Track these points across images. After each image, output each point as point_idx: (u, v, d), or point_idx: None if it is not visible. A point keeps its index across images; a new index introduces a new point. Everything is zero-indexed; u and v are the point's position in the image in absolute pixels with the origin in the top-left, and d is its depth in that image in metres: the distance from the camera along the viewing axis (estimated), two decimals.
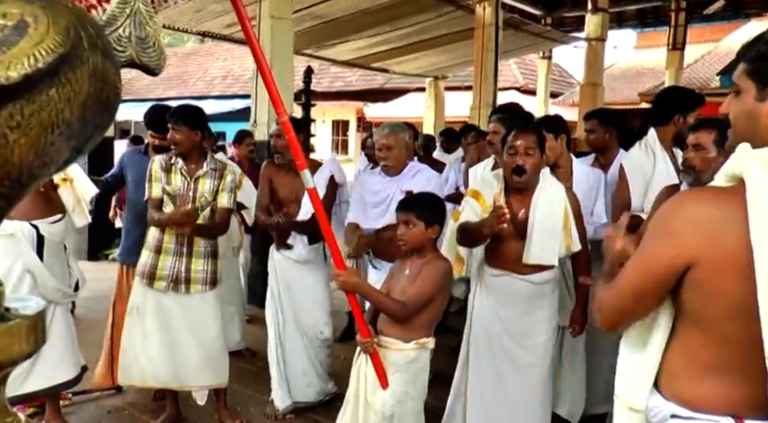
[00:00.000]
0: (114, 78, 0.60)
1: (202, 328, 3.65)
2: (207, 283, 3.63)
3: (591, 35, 11.14)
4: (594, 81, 11.19)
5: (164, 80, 24.66)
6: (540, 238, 2.98)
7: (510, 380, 3.10)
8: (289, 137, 2.72)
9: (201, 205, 3.52)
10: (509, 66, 17.74)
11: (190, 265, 3.58)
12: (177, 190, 3.60)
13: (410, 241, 2.77)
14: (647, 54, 19.80)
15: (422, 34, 10.21)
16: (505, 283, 3.10)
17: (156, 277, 3.60)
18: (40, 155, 0.54)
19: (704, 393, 1.36)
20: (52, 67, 0.49)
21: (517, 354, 3.10)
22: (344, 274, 2.71)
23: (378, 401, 2.68)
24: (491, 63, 9.49)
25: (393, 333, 2.72)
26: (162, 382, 3.68)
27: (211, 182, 3.61)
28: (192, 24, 8.90)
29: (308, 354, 4.02)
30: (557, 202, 3.05)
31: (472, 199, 3.16)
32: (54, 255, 3.46)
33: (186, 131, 3.55)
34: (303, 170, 2.68)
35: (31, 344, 0.60)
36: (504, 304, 3.11)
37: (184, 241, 3.58)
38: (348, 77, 19.81)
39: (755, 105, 1.28)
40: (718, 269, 1.26)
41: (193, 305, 3.63)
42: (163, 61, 0.69)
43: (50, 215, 3.42)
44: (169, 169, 3.64)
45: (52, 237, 3.42)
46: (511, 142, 3.01)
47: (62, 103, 0.53)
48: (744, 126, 1.32)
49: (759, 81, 1.27)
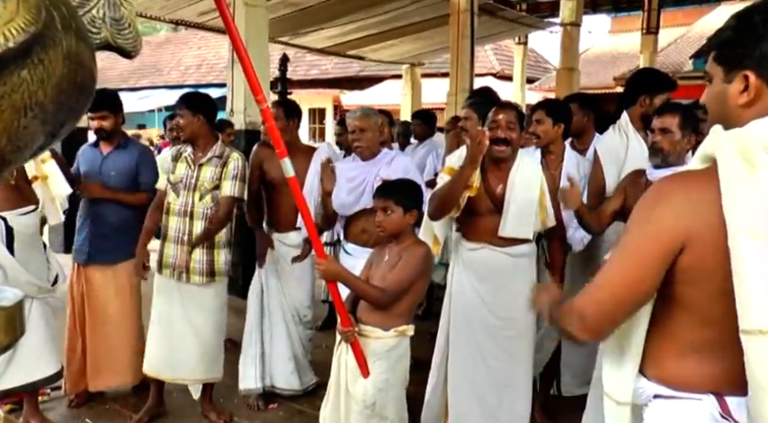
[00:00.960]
0: (89, 61, 0.58)
1: (202, 320, 3.63)
2: (204, 273, 3.58)
3: (566, 20, 11.16)
4: (570, 66, 11.23)
5: (137, 69, 24.30)
6: (516, 212, 3.05)
7: (492, 353, 3.13)
8: (268, 125, 2.69)
9: (201, 193, 3.53)
10: (485, 52, 17.74)
11: (189, 254, 3.56)
12: (180, 178, 3.59)
13: (389, 228, 2.76)
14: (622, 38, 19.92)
15: (397, 21, 10.16)
16: (483, 256, 3.14)
17: (163, 264, 3.61)
18: (13, 139, 0.52)
19: (686, 373, 1.38)
20: (23, 46, 0.47)
21: (497, 326, 3.13)
22: (325, 262, 2.70)
23: (359, 390, 2.68)
24: (467, 49, 9.47)
25: (373, 321, 2.72)
26: (155, 370, 3.65)
27: (213, 169, 3.57)
28: (165, 12, 8.76)
29: (292, 339, 4.03)
30: (533, 179, 3.11)
31: (447, 175, 3.17)
32: (28, 248, 3.38)
33: (188, 115, 3.55)
34: (283, 158, 2.66)
35: (9, 335, 0.58)
36: (482, 278, 3.15)
37: (185, 229, 3.56)
38: (324, 65, 19.69)
39: (723, 87, 1.34)
40: (705, 251, 1.27)
41: (193, 296, 3.61)
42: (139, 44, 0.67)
43: (21, 207, 3.34)
44: (177, 158, 3.66)
45: (24, 229, 3.34)
46: (492, 117, 3.07)
47: (35, 84, 0.51)
48: (715, 109, 1.37)
49: (725, 64, 1.33)
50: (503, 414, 3.14)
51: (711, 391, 1.36)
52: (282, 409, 3.93)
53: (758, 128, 1.26)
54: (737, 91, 1.31)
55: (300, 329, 4.06)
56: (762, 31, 1.26)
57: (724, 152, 1.26)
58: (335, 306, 2.78)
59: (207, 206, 3.55)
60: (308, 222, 2.73)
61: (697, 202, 1.28)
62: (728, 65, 1.33)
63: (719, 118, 1.35)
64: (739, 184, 1.22)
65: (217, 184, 3.56)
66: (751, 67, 1.28)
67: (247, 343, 4.02)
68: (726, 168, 1.24)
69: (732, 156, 1.24)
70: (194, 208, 3.55)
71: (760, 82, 1.28)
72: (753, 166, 1.22)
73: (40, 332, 3.41)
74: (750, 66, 1.28)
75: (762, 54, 1.27)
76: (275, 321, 4.01)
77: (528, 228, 3.09)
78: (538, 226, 3.16)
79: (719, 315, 1.28)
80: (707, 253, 1.27)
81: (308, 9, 9.06)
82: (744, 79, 1.30)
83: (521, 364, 3.16)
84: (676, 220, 1.30)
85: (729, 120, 1.32)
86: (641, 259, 1.34)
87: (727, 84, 1.33)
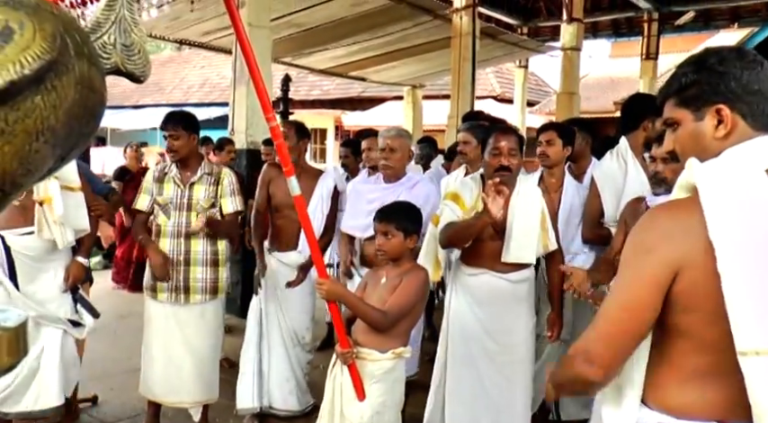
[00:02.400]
0: (100, 86, 0.59)
1: (200, 340, 3.60)
2: (207, 291, 3.57)
3: (566, 45, 11.27)
4: (570, 90, 11.31)
5: (140, 87, 24.36)
6: (519, 236, 3.04)
7: (491, 379, 3.11)
8: (277, 143, 2.71)
9: (197, 213, 3.49)
10: (486, 75, 17.84)
11: (188, 273, 3.53)
12: (169, 199, 3.55)
13: (390, 252, 2.76)
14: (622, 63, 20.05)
15: (399, 43, 10.26)
16: (483, 282, 3.13)
17: (158, 289, 3.56)
18: (24, 162, 0.53)
19: (688, 400, 1.37)
20: (38, 74, 0.48)
21: (497, 352, 3.11)
22: (328, 282, 2.69)
23: (355, 413, 2.66)
24: (468, 72, 9.55)
25: (369, 343, 2.70)
26: (157, 396, 3.62)
27: (206, 188, 3.56)
28: (169, 32, 8.85)
29: (291, 360, 4.00)
30: (534, 203, 3.12)
31: (451, 202, 3.17)
32: (33, 271, 3.26)
33: (185, 137, 3.53)
34: (290, 177, 2.67)
35: (11, 357, 0.59)
36: (482, 303, 3.13)
37: (181, 249, 3.52)
38: (326, 86, 19.79)
39: (696, 126, 1.39)
40: (698, 276, 1.28)
41: (193, 316, 3.58)
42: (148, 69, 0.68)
43: (20, 226, 3.23)
44: (162, 179, 3.60)
45: (23, 250, 3.23)
46: (494, 144, 3.06)
47: (47, 110, 0.52)
48: (690, 148, 1.41)
49: (692, 105, 1.39)
50: None
51: (715, 418, 1.34)
52: None
53: (736, 154, 1.32)
54: (712, 126, 1.37)
55: (299, 351, 4.04)
56: (721, 70, 1.35)
57: (704, 180, 1.30)
58: (335, 327, 2.77)
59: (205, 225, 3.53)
60: (311, 242, 2.73)
61: (687, 229, 1.30)
62: (696, 104, 1.38)
63: (695, 155, 1.38)
64: (722, 207, 1.26)
65: (213, 202, 3.56)
66: (721, 101, 1.35)
67: (244, 362, 3.99)
68: (708, 195, 1.27)
69: (713, 182, 1.29)
70: (191, 228, 3.53)
71: (732, 114, 1.35)
72: (733, 191, 1.27)
73: (50, 361, 3.30)
74: (720, 100, 1.35)
75: (728, 89, 1.34)
76: (274, 342, 3.99)
77: (530, 252, 3.09)
78: (540, 250, 3.15)
79: (718, 340, 1.28)
80: (699, 278, 1.28)
81: (311, 30, 9.15)
82: (716, 113, 1.36)
83: (519, 389, 3.14)
84: (669, 246, 1.31)
85: (706, 154, 1.36)
86: (640, 288, 1.34)
87: (700, 121, 1.38)
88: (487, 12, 11.87)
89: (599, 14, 13.25)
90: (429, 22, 9.58)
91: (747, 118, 1.35)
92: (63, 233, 3.23)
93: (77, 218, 3.31)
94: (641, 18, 13.37)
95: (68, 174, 3.27)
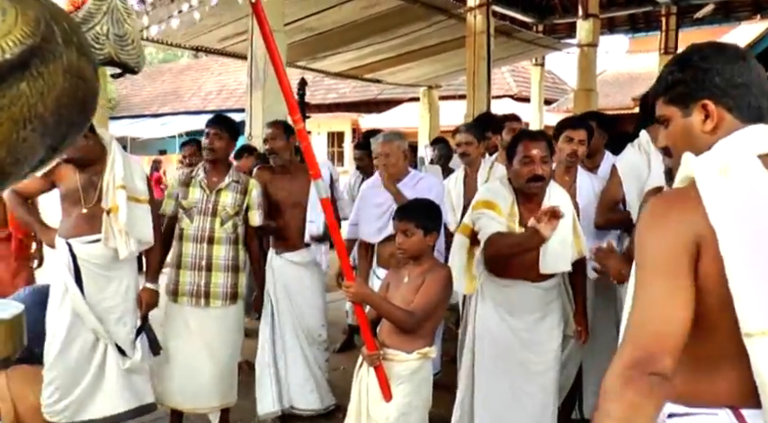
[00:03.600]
0: (91, 76, 0.58)
1: (220, 344, 3.61)
2: (227, 297, 3.58)
3: (583, 41, 11.19)
4: (588, 87, 11.23)
5: (159, 96, 24.73)
6: (555, 246, 2.92)
7: (524, 389, 3.04)
8: (304, 145, 2.73)
9: (222, 219, 3.54)
10: (502, 73, 17.79)
11: (210, 278, 3.55)
12: (194, 203, 3.58)
13: (409, 250, 2.75)
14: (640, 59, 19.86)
15: (414, 44, 10.25)
16: (518, 292, 3.04)
17: (179, 293, 3.58)
18: (12, 151, 0.52)
19: (700, 388, 1.35)
20: (21, 59, 0.48)
21: (532, 361, 3.05)
22: (354, 284, 2.68)
23: (381, 414, 2.65)
24: (484, 71, 9.51)
25: (395, 344, 2.69)
26: (174, 403, 3.63)
27: (234, 195, 3.60)
28: (186, 39, 8.92)
29: (308, 360, 4.01)
30: (565, 210, 2.93)
31: (487, 210, 3.03)
32: (100, 280, 3.30)
33: (227, 140, 3.61)
34: (317, 180, 2.68)
35: (9, 347, 0.58)
36: (516, 314, 3.05)
37: (203, 254, 3.55)
38: (342, 89, 19.86)
39: (684, 122, 1.45)
40: (707, 260, 1.27)
41: (214, 321, 3.59)
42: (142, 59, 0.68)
43: (87, 234, 3.27)
44: (188, 182, 3.64)
45: (88, 258, 3.26)
46: (524, 151, 2.93)
47: (34, 97, 0.51)
48: (682, 143, 1.46)
49: (679, 102, 1.45)
50: None
51: (727, 405, 1.33)
52: None
53: (728, 144, 1.36)
54: (700, 120, 1.42)
55: (315, 350, 4.04)
56: (704, 66, 1.41)
57: (700, 169, 1.33)
58: (362, 329, 2.74)
59: (228, 232, 3.58)
60: (338, 245, 2.74)
61: (694, 213, 1.29)
62: (683, 101, 1.44)
63: (687, 149, 1.42)
64: (720, 193, 1.28)
65: (238, 210, 3.60)
66: (706, 96, 1.40)
67: (261, 367, 3.99)
68: (705, 182, 1.30)
69: (709, 170, 1.32)
70: (214, 233, 3.55)
71: (718, 108, 1.39)
72: (727, 177, 1.30)
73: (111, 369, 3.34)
74: (705, 96, 1.40)
75: (712, 84, 1.40)
76: (288, 343, 3.99)
77: (567, 261, 3.01)
78: (575, 256, 3.07)
79: (728, 325, 1.26)
80: (709, 262, 1.27)
81: (325, 33, 9.18)
82: (702, 108, 1.41)
83: (550, 397, 3.08)
84: (687, 224, 1.30)
85: (697, 148, 1.39)
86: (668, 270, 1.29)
87: (688, 117, 1.43)
88: (502, 10, 11.81)
89: (615, 10, 13.09)
90: (443, 22, 9.55)
91: (734, 111, 1.39)
92: (127, 243, 3.26)
93: (142, 229, 3.34)
94: (659, 12, 13.20)
95: (136, 184, 3.33)
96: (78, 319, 3.25)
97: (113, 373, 3.32)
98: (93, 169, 3.27)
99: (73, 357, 3.26)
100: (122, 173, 3.25)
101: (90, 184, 3.27)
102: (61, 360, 3.24)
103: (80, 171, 3.29)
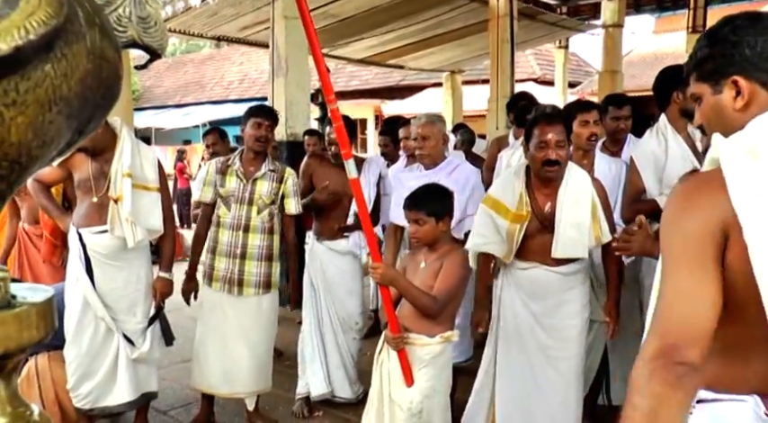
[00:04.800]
0: (114, 58, 0.58)
1: (256, 331, 3.66)
2: (260, 286, 3.62)
3: (608, 22, 10.99)
4: (613, 68, 11.04)
5: (181, 86, 24.90)
6: (568, 231, 2.89)
7: (544, 373, 3.02)
8: (337, 125, 2.73)
9: (258, 208, 3.57)
10: (526, 57, 17.58)
11: (243, 266, 3.59)
12: (231, 192, 3.61)
13: (424, 238, 2.75)
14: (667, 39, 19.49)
15: (436, 29, 10.17)
16: (535, 276, 3.02)
17: (213, 278, 3.63)
18: (39, 134, 0.52)
19: (728, 374, 1.33)
20: (45, 39, 0.48)
21: (551, 346, 3.02)
22: (382, 266, 2.68)
23: (404, 398, 2.66)
24: (507, 55, 9.39)
25: (417, 328, 2.70)
26: (213, 388, 3.68)
27: (270, 184, 3.63)
28: (207, 29, 8.95)
29: (342, 347, 4.05)
30: (583, 194, 2.95)
31: (493, 211, 3.00)
32: (110, 270, 3.33)
33: (272, 131, 3.68)
34: (348, 159, 2.69)
35: (40, 331, 0.59)
36: (535, 297, 3.03)
37: (239, 243, 3.59)
38: (364, 76, 19.80)
39: (716, 99, 1.39)
40: (735, 244, 1.23)
41: (248, 308, 3.64)
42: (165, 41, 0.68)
43: (97, 224, 3.30)
44: (225, 171, 3.67)
45: (97, 248, 3.30)
46: (540, 136, 2.88)
47: (59, 78, 0.52)
48: (714, 121, 1.41)
49: (709, 79, 1.40)
50: None
51: (755, 391, 1.31)
52: (327, 418, 3.93)
53: (758, 124, 1.28)
54: (731, 97, 1.36)
55: (350, 338, 4.08)
56: (734, 39, 1.34)
57: (726, 152, 1.27)
58: (386, 311, 2.75)
59: (264, 220, 3.61)
60: (366, 225, 2.73)
61: (720, 199, 1.25)
62: (713, 78, 1.38)
63: (720, 128, 1.36)
64: (745, 177, 1.22)
65: (273, 199, 3.63)
66: (736, 72, 1.34)
67: (310, 352, 4.03)
68: (729, 166, 1.24)
69: (734, 152, 1.26)
70: (251, 221, 3.59)
71: (750, 83, 1.33)
72: (756, 159, 1.23)
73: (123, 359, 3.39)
74: (735, 72, 1.34)
75: (742, 58, 1.33)
76: (326, 329, 4.04)
77: (581, 247, 2.93)
78: (592, 242, 2.98)
79: (756, 312, 1.22)
80: (737, 246, 1.23)
81: (347, 20, 9.14)
82: (733, 85, 1.35)
83: (572, 385, 3.03)
84: (714, 210, 1.25)
85: (730, 127, 1.34)
86: (694, 259, 1.26)
87: (719, 94, 1.38)
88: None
89: None
90: (465, 6, 9.45)
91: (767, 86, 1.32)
92: (133, 232, 3.26)
93: (149, 218, 3.35)
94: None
95: (146, 173, 3.35)
96: (89, 307, 3.30)
97: (123, 362, 3.37)
98: (104, 158, 3.29)
99: (85, 342, 3.31)
100: (129, 161, 3.26)
101: (101, 172, 3.29)
102: (75, 344, 3.31)
103: (92, 160, 3.31)
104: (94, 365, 3.33)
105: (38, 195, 3.51)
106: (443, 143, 3.68)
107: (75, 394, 3.32)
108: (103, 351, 3.34)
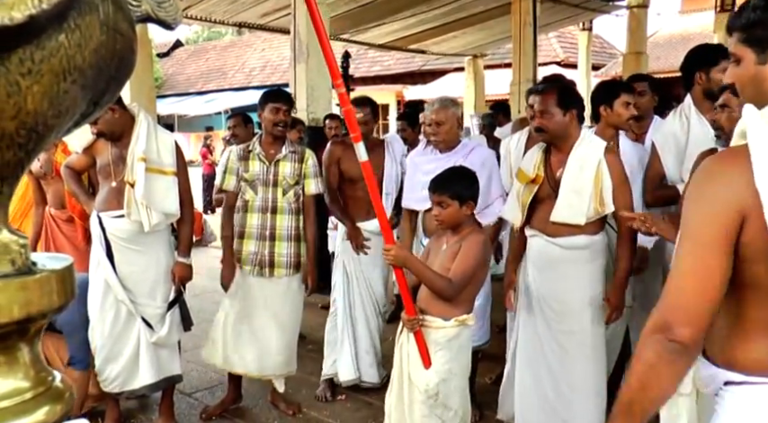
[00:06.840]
0: (128, 31, 0.59)
1: (285, 313, 3.71)
2: (291, 266, 3.68)
3: (632, 2, 10.84)
4: (638, 50, 10.90)
5: (204, 74, 25.05)
6: (567, 196, 2.92)
7: (549, 345, 3.04)
8: (345, 109, 2.74)
9: (284, 189, 3.63)
10: (548, 39, 17.40)
11: (273, 248, 3.64)
12: (256, 175, 3.66)
13: (447, 221, 2.74)
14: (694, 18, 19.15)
15: (458, 12, 10.08)
16: (536, 245, 3.08)
17: (243, 261, 3.68)
18: (54, 103, 0.54)
19: (757, 356, 1.31)
20: (59, 8, 0.49)
21: (552, 319, 3.03)
22: (394, 247, 2.68)
23: (422, 380, 2.67)
24: (530, 38, 9.32)
25: (433, 311, 2.70)
26: (242, 369, 3.73)
27: (292, 165, 3.68)
28: (228, 15, 8.97)
29: (371, 331, 4.08)
30: (588, 161, 2.93)
31: (516, 181, 3.18)
32: (129, 253, 3.36)
33: (290, 115, 3.74)
34: (358, 143, 2.69)
35: (60, 297, 0.61)
36: (537, 267, 3.08)
37: (267, 225, 3.63)
38: (386, 61, 19.76)
39: (758, 69, 1.34)
40: (758, 223, 1.21)
41: (278, 289, 3.69)
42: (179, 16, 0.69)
43: (115, 209, 3.33)
44: (246, 157, 3.71)
45: (116, 232, 3.33)
46: (529, 102, 3.04)
47: (72, 49, 0.53)
48: (750, 91, 1.37)
49: (757, 46, 1.33)
50: (562, 411, 3.01)
51: None
52: (350, 401, 3.97)
53: None
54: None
55: (379, 321, 4.12)
56: None
57: (754, 125, 1.23)
58: (402, 293, 2.76)
59: (290, 201, 3.66)
60: (378, 207, 2.74)
61: (746, 176, 1.22)
62: (761, 46, 1.31)
63: (755, 99, 1.32)
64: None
65: (297, 180, 3.68)
66: None
67: (340, 336, 4.07)
68: (756, 141, 1.21)
69: (762, 128, 1.21)
70: (278, 203, 3.64)
71: None
72: None
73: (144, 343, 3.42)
74: None
75: None
76: (357, 313, 4.07)
77: (579, 213, 2.90)
78: (591, 213, 2.92)
79: None
80: (759, 225, 1.20)
81: (368, 5, 9.10)
82: None
83: (578, 362, 2.98)
84: (731, 194, 1.24)
85: (766, 100, 1.29)
86: (706, 243, 1.26)
87: (762, 65, 1.32)
88: None
89: None
90: None
91: None
92: (149, 216, 3.29)
93: (164, 201, 3.35)
94: None
95: (162, 158, 3.36)
96: (110, 290, 3.35)
97: (144, 345, 3.42)
98: (123, 143, 3.33)
99: (108, 325, 3.36)
100: (144, 146, 3.28)
101: (120, 157, 3.33)
102: (99, 327, 3.36)
103: (112, 145, 3.35)
104: (117, 348, 3.38)
105: (69, 182, 3.56)
106: (458, 127, 3.68)
107: (103, 378, 3.38)
108: (126, 334, 3.39)
